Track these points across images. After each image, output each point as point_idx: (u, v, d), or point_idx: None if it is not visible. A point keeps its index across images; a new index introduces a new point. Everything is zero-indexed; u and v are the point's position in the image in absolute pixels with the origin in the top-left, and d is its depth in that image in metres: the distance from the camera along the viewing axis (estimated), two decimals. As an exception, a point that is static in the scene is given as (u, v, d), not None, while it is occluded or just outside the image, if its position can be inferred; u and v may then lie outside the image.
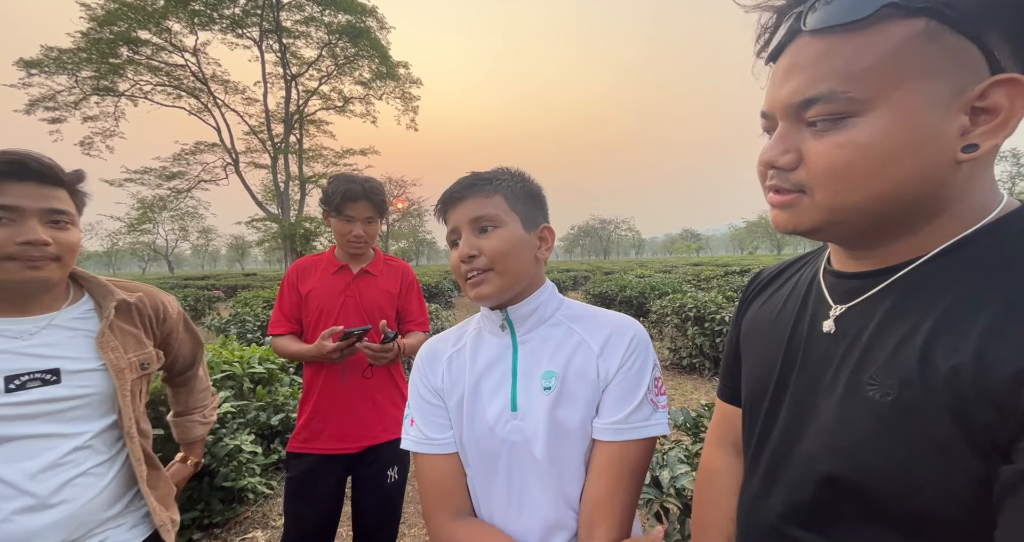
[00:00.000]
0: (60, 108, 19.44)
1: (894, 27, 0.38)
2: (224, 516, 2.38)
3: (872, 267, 0.48)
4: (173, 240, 55.09)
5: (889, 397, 0.41)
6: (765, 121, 0.49)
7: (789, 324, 0.56)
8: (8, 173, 0.82)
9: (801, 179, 0.45)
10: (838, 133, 0.41)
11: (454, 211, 0.75)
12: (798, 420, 0.51)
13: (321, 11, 20.79)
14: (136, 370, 0.98)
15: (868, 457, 0.42)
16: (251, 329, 5.28)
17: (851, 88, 0.40)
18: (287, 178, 22.62)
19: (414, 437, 0.77)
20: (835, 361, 0.48)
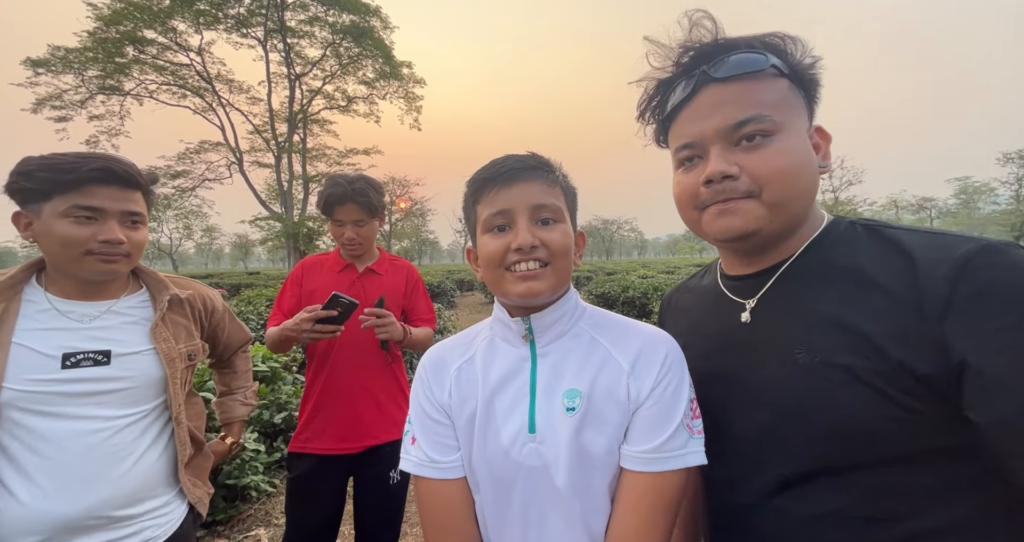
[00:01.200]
0: (66, 107, 19.57)
1: (776, 79, 0.57)
2: (227, 514, 2.39)
3: (758, 268, 0.62)
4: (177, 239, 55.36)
5: (817, 358, 0.52)
6: (688, 151, 0.61)
7: (707, 328, 0.69)
8: (96, 178, 0.91)
9: (748, 185, 0.56)
10: (771, 145, 0.55)
11: (508, 191, 0.64)
12: (741, 398, 0.60)
13: (325, 11, 20.84)
14: (184, 360, 1.07)
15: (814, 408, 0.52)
16: (254, 328, 5.30)
17: (772, 113, 0.55)
18: (291, 177, 22.69)
19: (415, 458, 0.68)
20: (758, 342, 0.59)
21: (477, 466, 0.66)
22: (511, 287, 0.64)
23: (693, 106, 0.59)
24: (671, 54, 0.61)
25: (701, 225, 0.61)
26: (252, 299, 6.96)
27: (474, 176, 0.69)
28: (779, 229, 0.58)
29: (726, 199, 0.57)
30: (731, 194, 0.56)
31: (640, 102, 0.66)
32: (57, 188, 0.88)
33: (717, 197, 0.57)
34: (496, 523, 0.66)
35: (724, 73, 0.56)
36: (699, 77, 0.58)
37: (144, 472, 0.97)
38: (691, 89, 0.59)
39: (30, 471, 0.86)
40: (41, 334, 0.90)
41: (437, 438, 0.69)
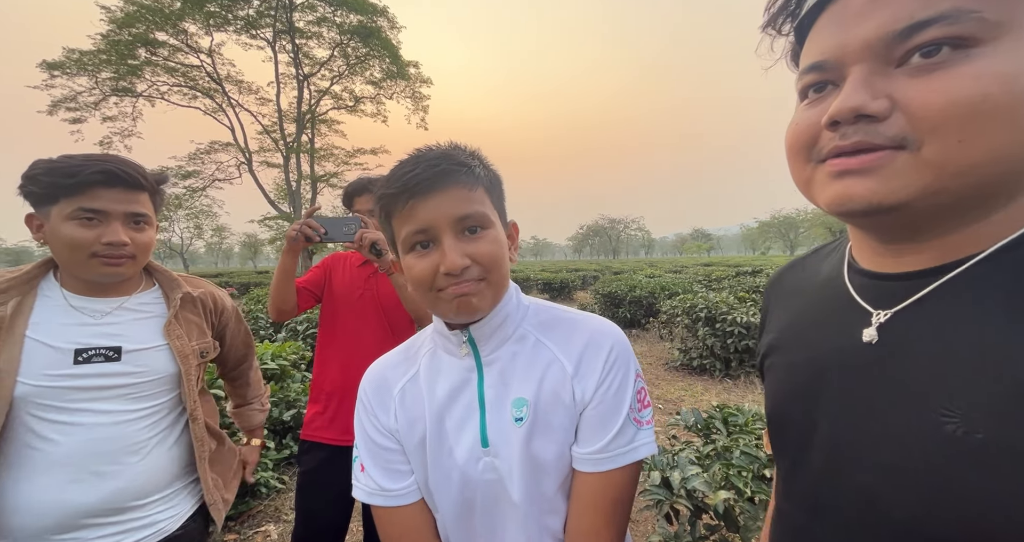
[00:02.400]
0: (81, 109, 19.91)
1: None
2: (238, 510, 2.42)
3: (920, 266, 0.39)
4: (188, 238, 56.12)
5: (979, 435, 0.32)
6: (816, 75, 0.39)
7: (818, 335, 0.47)
8: (99, 181, 0.91)
9: (901, 130, 0.34)
10: (965, 63, 0.32)
11: (424, 204, 0.56)
12: (843, 443, 0.42)
13: (333, 11, 20.98)
14: (197, 357, 1.08)
15: (957, 503, 0.33)
16: (264, 326, 5.36)
17: (983, 7, 0.32)
18: (299, 177, 22.89)
19: (366, 487, 0.65)
20: (885, 377, 0.39)
21: (433, 487, 0.65)
22: (445, 308, 0.59)
23: (839, 4, 0.38)
24: None
25: (812, 186, 0.41)
26: (261, 298, 7.04)
27: (382, 190, 0.60)
28: (950, 206, 0.35)
29: (857, 148, 0.36)
30: (870, 138, 0.35)
31: (770, 3, 0.43)
32: (62, 192, 0.90)
33: (842, 142, 0.37)
34: (461, 537, 0.65)
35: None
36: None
37: (157, 465, 0.99)
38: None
39: (45, 463, 0.88)
40: (55, 329, 0.92)
41: (387, 465, 0.66)
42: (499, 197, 0.64)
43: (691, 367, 5.29)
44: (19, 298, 0.92)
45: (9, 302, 0.90)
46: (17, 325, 0.89)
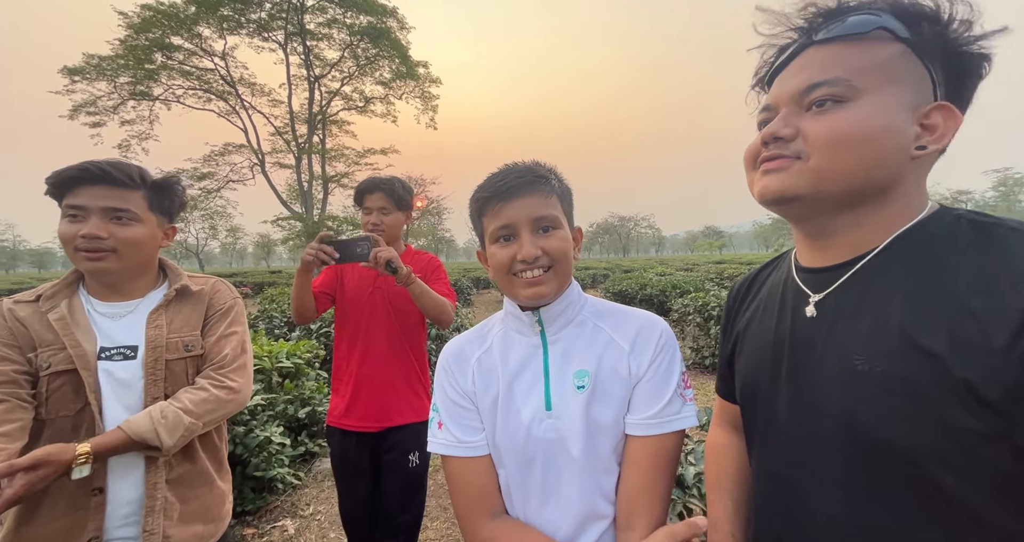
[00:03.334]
0: (100, 113, 20.43)
1: (884, 44, 0.52)
2: (256, 504, 2.48)
3: (835, 261, 0.57)
4: (203, 238, 57.26)
5: (877, 368, 0.48)
6: (766, 114, 0.59)
7: (774, 317, 0.64)
8: (81, 179, 0.96)
9: (800, 147, 0.53)
10: (836, 112, 0.51)
11: (509, 206, 0.71)
12: (798, 396, 0.57)
13: (343, 13, 21.16)
14: (179, 350, 1.03)
15: (866, 419, 0.49)
16: (278, 324, 5.45)
17: (853, 77, 0.51)
18: (311, 177, 23.18)
19: (443, 440, 0.76)
20: (820, 340, 0.56)
21: (501, 443, 0.74)
22: (520, 291, 0.72)
23: (786, 70, 0.57)
24: (787, 20, 0.57)
25: (753, 185, 0.60)
26: (276, 297, 7.16)
27: (477, 193, 0.75)
28: (831, 201, 0.53)
29: (773, 157, 0.55)
30: (780, 151, 0.54)
31: (757, 70, 0.63)
32: (56, 192, 0.97)
33: (766, 154, 0.56)
34: (520, 491, 0.73)
35: (824, 36, 0.53)
36: (801, 41, 0.56)
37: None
38: (789, 53, 0.57)
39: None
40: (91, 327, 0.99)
41: (464, 421, 0.76)
42: (569, 205, 0.78)
43: (703, 365, 5.24)
44: (68, 299, 1.00)
45: (61, 303, 0.98)
46: (79, 321, 0.98)
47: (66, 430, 0.93)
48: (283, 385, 3.00)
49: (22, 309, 0.97)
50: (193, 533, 1.01)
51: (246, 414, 2.48)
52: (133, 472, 0.96)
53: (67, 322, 0.95)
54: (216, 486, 1.09)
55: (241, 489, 2.43)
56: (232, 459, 2.36)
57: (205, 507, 1.05)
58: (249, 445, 2.39)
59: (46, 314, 0.96)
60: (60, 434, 0.92)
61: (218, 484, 1.09)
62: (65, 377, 0.93)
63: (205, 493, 1.05)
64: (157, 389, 0.99)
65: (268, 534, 2.33)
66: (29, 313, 0.96)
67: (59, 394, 0.93)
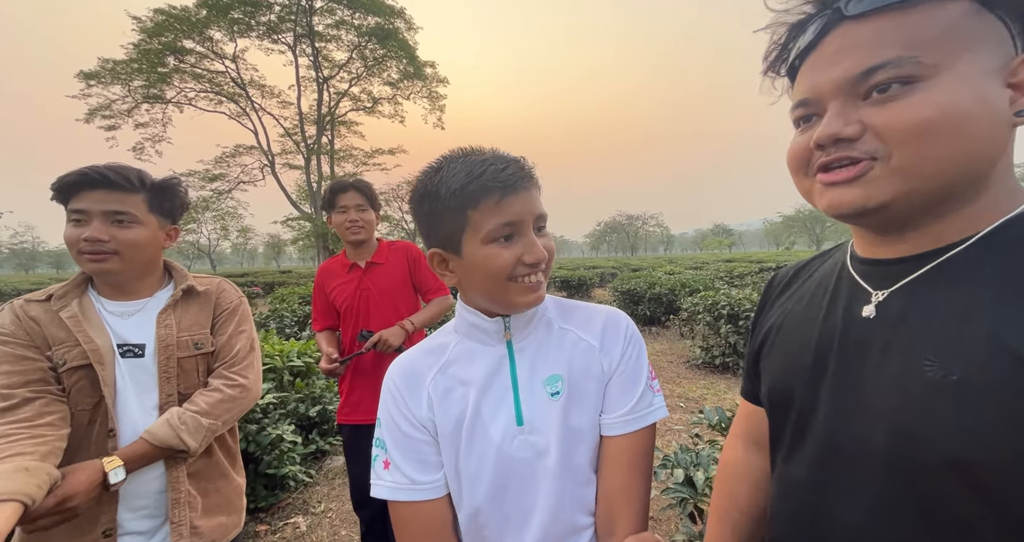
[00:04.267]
0: (115, 116, 20.83)
1: (943, 5, 0.42)
2: (268, 502, 2.51)
3: (908, 252, 0.49)
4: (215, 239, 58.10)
5: (953, 376, 0.41)
6: (803, 109, 0.50)
7: (820, 314, 0.56)
8: (82, 183, 0.99)
9: (872, 146, 0.44)
10: (913, 95, 0.42)
11: (515, 199, 0.60)
12: (846, 403, 0.50)
13: (351, 14, 21.32)
14: (189, 348, 1.08)
15: (935, 433, 0.41)
16: (288, 324, 5.51)
17: (920, 53, 0.41)
18: (319, 178, 23.38)
19: (393, 483, 0.65)
20: (879, 343, 0.48)
21: (468, 470, 0.65)
22: (518, 298, 0.63)
23: (816, 53, 0.48)
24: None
25: (812, 196, 0.50)
26: (286, 297, 7.24)
27: (465, 180, 0.60)
28: (923, 203, 0.44)
29: (839, 162, 0.45)
30: (849, 154, 0.45)
31: (767, 52, 0.53)
32: (62, 198, 1.00)
33: (826, 159, 0.46)
34: (495, 519, 0.65)
35: (859, 8, 0.44)
36: (829, 17, 0.46)
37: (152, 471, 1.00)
38: (816, 33, 0.47)
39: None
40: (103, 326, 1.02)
41: (418, 456, 0.66)
42: None
43: (713, 365, 5.19)
44: (78, 299, 1.02)
45: (72, 302, 1.01)
46: (91, 318, 1.00)
47: (83, 423, 0.97)
48: (294, 384, 3.04)
49: (33, 308, 1.00)
50: (218, 523, 1.07)
51: (258, 413, 2.51)
52: (145, 467, 0.99)
53: (79, 320, 0.98)
54: (233, 479, 1.13)
55: (253, 486, 2.46)
56: (245, 457, 2.39)
57: (226, 499, 1.10)
58: (261, 443, 2.42)
59: (58, 313, 0.99)
60: (78, 427, 0.96)
61: (234, 477, 1.14)
62: (81, 373, 0.96)
63: (224, 486, 1.10)
64: (171, 386, 1.03)
65: (280, 531, 2.36)
66: (41, 312, 0.99)
67: (77, 388, 0.96)
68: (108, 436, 0.97)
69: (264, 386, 2.70)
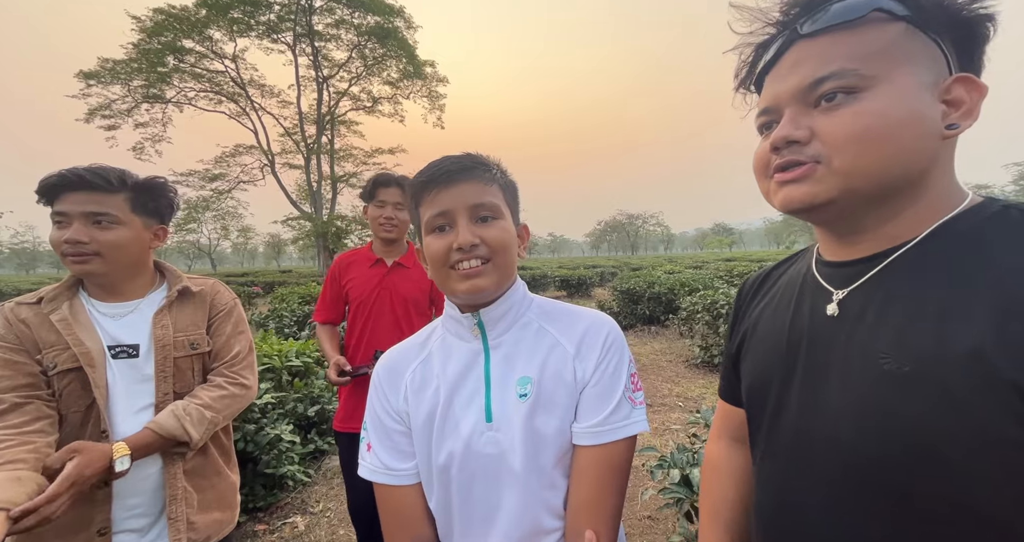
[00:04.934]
0: (115, 116, 20.87)
1: (883, 26, 0.47)
2: (267, 501, 2.51)
3: (865, 254, 0.53)
4: (215, 239, 58.14)
5: (906, 368, 0.45)
6: (766, 117, 0.55)
7: (788, 314, 0.60)
8: (63, 185, 0.99)
9: (817, 150, 0.49)
10: (853, 104, 0.47)
11: (446, 192, 0.65)
12: (813, 399, 0.54)
13: (351, 14, 21.31)
14: (185, 348, 1.08)
15: (890, 424, 0.45)
16: (288, 324, 5.52)
17: (860, 66, 0.47)
18: (319, 178, 23.41)
19: (370, 465, 0.71)
20: (842, 340, 0.52)
21: (437, 462, 0.68)
22: (456, 285, 0.66)
23: (776, 67, 0.53)
24: (765, 15, 0.54)
25: (769, 195, 0.56)
26: (286, 296, 7.24)
27: (413, 179, 0.70)
28: (866, 202, 0.49)
29: (790, 164, 0.51)
30: (797, 157, 0.50)
31: (737, 70, 0.59)
32: (46, 200, 1.00)
33: (780, 161, 0.52)
34: (460, 512, 0.67)
35: (811, 27, 0.49)
36: (787, 36, 0.52)
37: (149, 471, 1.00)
38: (775, 50, 0.53)
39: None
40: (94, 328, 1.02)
41: (394, 445, 0.71)
42: (513, 199, 0.73)
43: (712, 364, 5.19)
44: (68, 301, 1.02)
45: (63, 305, 1.01)
46: (82, 321, 1.00)
47: (76, 425, 0.97)
48: (293, 384, 3.04)
49: (24, 311, 1.00)
50: (213, 519, 1.08)
51: (256, 412, 2.52)
52: (139, 465, 0.99)
53: (69, 322, 0.98)
54: (227, 475, 1.15)
55: (252, 486, 2.47)
56: (243, 456, 2.40)
57: (220, 495, 1.12)
58: (260, 443, 2.42)
59: (48, 315, 0.99)
60: (72, 428, 0.97)
61: (228, 473, 1.15)
62: (72, 375, 0.96)
63: (219, 482, 1.12)
64: (167, 385, 1.04)
65: (279, 530, 2.37)
66: (32, 315, 0.99)
67: (68, 391, 0.96)
68: (101, 437, 0.97)
69: (263, 386, 2.70)
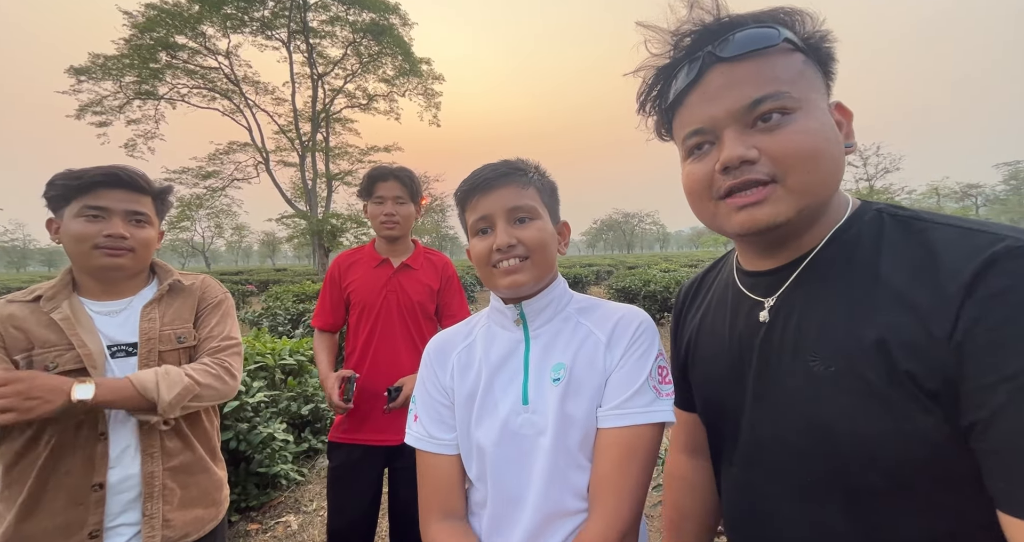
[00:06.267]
0: (106, 112, 20.59)
1: (791, 54, 0.52)
2: (259, 500, 2.49)
3: (781, 263, 0.57)
4: (209, 237, 57.72)
5: (832, 368, 0.49)
6: (698, 138, 0.55)
7: (726, 326, 0.63)
8: (104, 182, 1.02)
9: (769, 169, 0.51)
10: (791, 124, 0.50)
11: (486, 198, 0.73)
12: (762, 405, 0.57)
13: (346, 10, 21.15)
14: (172, 342, 1.08)
15: (825, 422, 0.49)
16: (282, 322, 5.48)
17: (790, 89, 0.51)
18: (315, 176, 23.24)
19: (416, 433, 0.78)
20: (776, 345, 0.55)
21: (475, 438, 0.74)
22: (498, 281, 0.73)
23: (700, 89, 0.54)
24: (670, 38, 0.56)
25: (718, 218, 0.56)
26: (280, 295, 7.19)
27: (458, 188, 0.78)
28: (806, 218, 0.53)
29: (746, 186, 0.52)
30: (754, 176, 0.51)
31: (639, 93, 0.62)
32: (73, 193, 1.00)
33: (733, 182, 0.52)
34: (493, 488, 0.72)
35: (732, 52, 0.52)
36: (704, 58, 0.54)
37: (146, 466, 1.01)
38: (696, 72, 0.54)
39: None
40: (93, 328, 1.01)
41: (438, 417, 0.78)
42: (551, 199, 0.79)
43: (708, 363, 5.20)
44: (67, 300, 1.01)
45: (63, 304, 1.00)
46: (83, 320, 0.99)
47: (69, 428, 0.94)
48: (286, 382, 3.02)
49: (19, 309, 0.98)
50: (194, 517, 1.07)
51: (249, 411, 2.49)
52: (133, 465, 0.99)
53: (72, 322, 0.98)
54: (214, 472, 1.14)
55: (245, 485, 2.44)
56: (235, 455, 2.37)
57: (204, 492, 1.10)
58: (252, 442, 2.40)
59: (49, 314, 0.97)
60: (64, 431, 0.94)
61: (215, 470, 1.15)
62: (72, 376, 0.94)
63: (204, 480, 1.11)
64: None
65: (272, 530, 2.35)
66: (28, 313, 0.97)
67: None
68: (99, 439, 0.96)
69: (255, 384, 2.67)
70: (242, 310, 9.36)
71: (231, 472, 2.40)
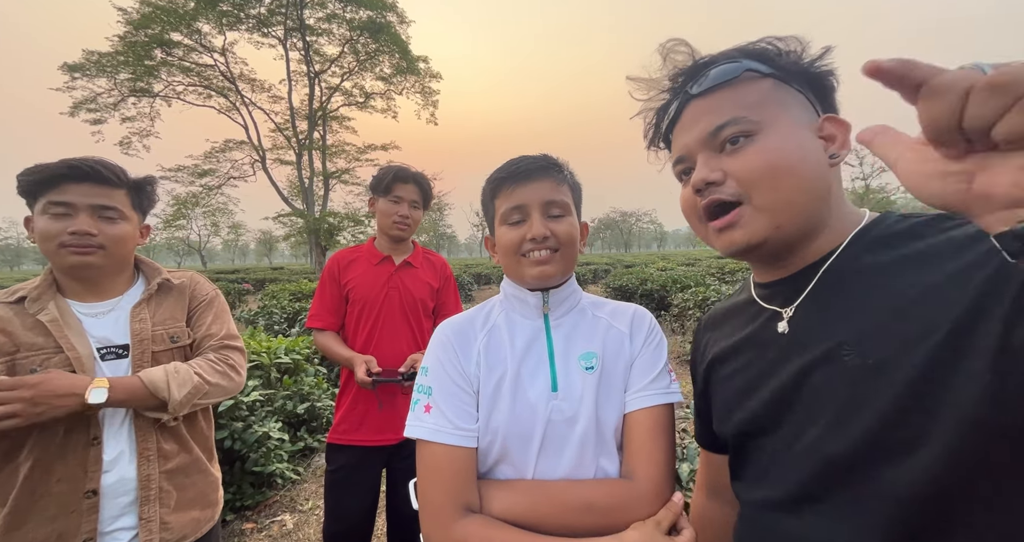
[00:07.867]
0: (101, 110, 20.46)
1: (756, 82, 0.57)
2: (255, 500, 2.49)
3: (795, 270, 0.58)
4: (205, 235, 57.47)
5: (869, 360, 0.48)
6: (682, 165, 0.62)
7: (746, 338, 0.64)
8: (68, 176, 0.95)
9: (734, 189, 0.55)
10: (751, 145, 0.54)
11: (523, 188, 0.75)
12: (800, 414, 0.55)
13: (343, 7, 21.05)
14: (165, 342, 1.06)
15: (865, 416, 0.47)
16: (278, 321, 5.46)
17: (749, 113, 0.55)
18: (311, 174, 23.17)
19: (432, 425, 0.71)
20: (801, 352, 0.55)
21: (503, 427, 0.72)
22: (527, 271, 0.75)
23: (680, 123, 0.62)
24: (657, 84, 0.64)
25: (709, 239, 0.61)
26: (276, 293, 7.17)
27: (493, 174, 0.79)
28: (793, 232, 0.55)
29: (720, 208, 0.56)
30: (721, 196, 0.56)
31: (645, 132, 0.69)
32: (38, 188, 0.95)
33: (705, 202, 0.58)
34: (518, 473, 0.72)
35: (700, 88, 0.58)
36: (682, 97, 0.61)
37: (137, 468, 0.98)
38: (676, 109, 0.62)
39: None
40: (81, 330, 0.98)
41: (463, 406, 0.73)
42: (578, 199, 0.82)
43: (704, 361, 5.23)
44: (53, 300, 0.97)
45: (49, 304, 0.96)
46: (71, 322, 0.96)
47: (57, 433, 0.91)
48: (282, 381, 3.01)
49: (3, 310, 0.94)
50: (190, 518, 1.05)
51: (244, 410, 2.49)
52: (129, 469, 0.98)
53: (60, 324, 0.94)
54: (210, 473, 1.13)
55: (240, 484, 2.44)
56: (231, 454, 2.37)
57: (201, 493, 1.09)
58: (248, 440, 2.39)
59: (35, 316, 0.94)
60: (51, 437, 0.91)
61: (211, 471, 1.13)
62: None
63: (201, 481, 1.09)
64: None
65: (267, 529, 2.34)
66: (12, 315, 0.94)
67: None
68: (91, 444, 0.93)
69: (250, 383, 2.66)
70: (238, 309, 9.33)
71: (226, 471, 2.39)
